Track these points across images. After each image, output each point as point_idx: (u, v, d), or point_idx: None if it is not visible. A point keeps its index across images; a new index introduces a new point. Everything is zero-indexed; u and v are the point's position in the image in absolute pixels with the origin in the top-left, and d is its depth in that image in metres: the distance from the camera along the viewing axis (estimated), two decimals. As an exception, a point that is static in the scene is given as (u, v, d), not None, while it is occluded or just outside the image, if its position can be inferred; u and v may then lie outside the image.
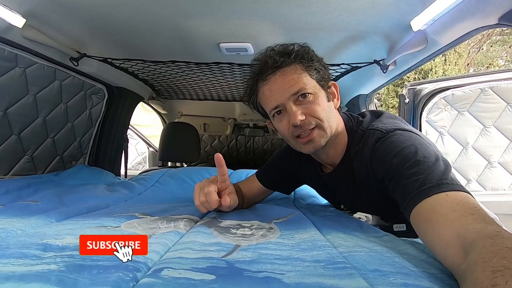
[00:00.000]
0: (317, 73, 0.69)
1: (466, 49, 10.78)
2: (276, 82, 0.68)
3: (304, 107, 0.67)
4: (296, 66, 0.68)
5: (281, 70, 0.68)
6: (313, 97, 0.67)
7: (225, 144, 3.00)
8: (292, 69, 0.68)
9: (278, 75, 0.67)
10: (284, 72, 0.68)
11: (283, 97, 0.67)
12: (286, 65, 0.68)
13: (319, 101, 0.68)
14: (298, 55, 0.69)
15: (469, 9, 0.71)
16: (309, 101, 0.67)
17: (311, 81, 0.68)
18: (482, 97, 1.46)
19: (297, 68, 0.68)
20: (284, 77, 0.67)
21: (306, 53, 0.70)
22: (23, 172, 1.14)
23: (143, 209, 0.76)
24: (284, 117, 0.69)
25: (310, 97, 0.67)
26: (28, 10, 0.86)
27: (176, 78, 1.57)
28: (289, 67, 0.68)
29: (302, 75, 0.67)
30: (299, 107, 0.67)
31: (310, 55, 0.70)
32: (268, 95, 0.69)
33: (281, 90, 0.67)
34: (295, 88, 0.66)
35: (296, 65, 0.68)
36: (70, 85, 1.24)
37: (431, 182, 0.47)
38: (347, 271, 0.38)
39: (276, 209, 0.82)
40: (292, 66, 0.68)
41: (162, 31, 1.04)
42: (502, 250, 0.31)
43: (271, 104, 0.70)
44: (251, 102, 0.77)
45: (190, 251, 0.45)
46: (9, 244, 0.45)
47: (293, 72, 0.68)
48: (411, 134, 0.61)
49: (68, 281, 0.34)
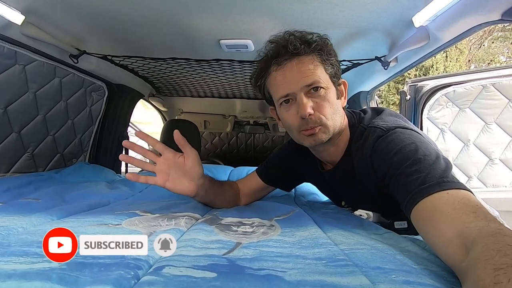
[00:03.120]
0: (332, 68, 0.68)
1: (467, 46, 10.74)
2: (291, 70, 0.65)
3: (314, 100, 0.65)
4: (314, 57, 0.66)
5: (299, 58, 0.65)
6: (324, 92, 0.66)
7: (225, 141, 3.00)
8: (310, 59, 0.66)
9: (295, 63, 0.65)
10: (301, 60, 0.65)
11: (296, 86, 0.65)
12: (305, 54, 0.65)
13: (329, 97, 0.66)
14: (318, 46, 0.66)
15: (472, 4, 0.70)
16: (320, 95, 0.65)
17: (325, 75, 0.67)
18: (484, 94, 1.45)
19: (314, 59, 0.66)
20: (301, 66, 0.65)
21: (326, 46, 0.68)
22: (24, 169, 1.14)
23: (144, 206, 0.76)
24: (292, 107, 0.67)
25: (322, 91, 0.65)
26: (27, 6, 0.86)
27: (176, 75, 1.57)
28: (307, 57, 0.65)
29: (318, 68, 0.66)
30: (309, 99, 0.65)
31: (329, 49, 0.68)
32: (280, 81, 0.67)
33: (295, 79, 0.65)
34: (310, 79, 0.64)
35: (314, 56, 0.66)
36: (70, 82, 1.24)
37: (432, 180, 0.47)
38: (348, 268, 0.38)
39: (277, 206, 0.82)
40: (310, 56, 0.66)
41: (162, 28, 1.03)
42: (504, 248, 0.31)
43: (281, 91, 0.67)
44: (258, 84, 0.73)
45: (191, 249, 0.45)
46: (10, 242, 0.45)
47: (310, 62, 0.65)
48: (411, 132, 0.60)
49: (69, 279, 0.34)
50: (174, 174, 0.72)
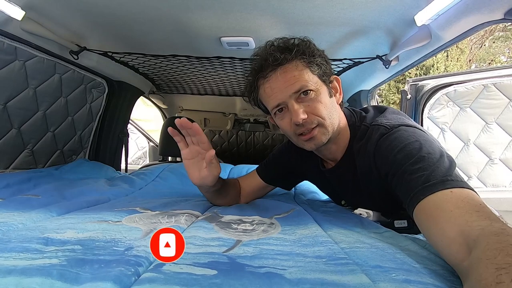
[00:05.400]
0: (319, 68, 0.68)
1: (468, 45, 10.72)
2: (277, 80, 0.66)
3: (306, 104, 0.66)
4: (297, 63, 0.66)
5: (282, 67, 0.66)
6: (315, 94, 0.66)
7: (225, 139, 3.00)
8: (293, 66, 0.66)
9: (279, 73, 0.66)
10: (285, 69, 0.66)
11: (284, 95, 0.66)
12: (287, 62, 0.66)
13: (321, 98, 0.67)
14: (299, 50, 0.67)
15: (474, 3, 0.70)
16: (311, 98, 0.66)
17: (312, 77, 0.67)
18: (484, 94, 1.45)
19: (298, 65, 0.66)
20: (285, 74, 0.66)
21: (307, 48, 0.68)
22: (24, 166, 1.14)
23: (144, 203, 0.76)
24: (286, 115, 0.68)
25: (312, 94, 0.66)
26: (28, 2, 0.85)
27: (176, 73, 1.56)
28: (290, 64, 0.66)
29: (304, 72, 0.66)
30: (301, 105, 0.65)
31: (312, 50, 0.68)
32: (269, 93, 0.68)
33: (282, 88, 0.66)
34: (297, 86, 0.65)
35: (297, 61, 0.67)
36: (70, 79, 1.23)
37: (436, 178, 0.47)
38: (349, 267, 0.38)
39: (277, 204, 0.82)
40: (293, 62, 0.66)
41: (163, 24, 1.02)
42: (507, 248, 0.31)
43: (272, 102, 0.68)
44: (252, 98, 0.75)
45: (192, 246, 0.45)
46: (10, 238, 0.45)
47: (294, 69, 0.66)
48: (415, 130, 0.60)
49: (69, 275, 0.34)
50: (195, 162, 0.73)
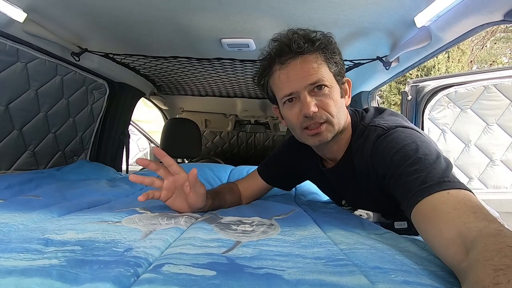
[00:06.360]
0: (336, 66, 0.68)
1: (469, 46, 10.71)
2: (295, 68, 0.65)
3: (318, 99, 0.65)
4: (317, 56, 0.66)
5: (303, 57, 0.65)
6: (328, 90, 0.66)
7: (226, 140, 3.00)
8: (314, 58, 0.65)
9: (299, 61, 0.65)
10: (305, 59, 0.65)
11: (299, 85, 0.65)
12: (309, 53, 0.65)
13: (333, 96, 0.66)
14: (322, 44, 0.66)
15: (474, 5, 0.70)
16: (324, 94, 0.65)
17: (329, 73, 0.67)
18: (485, 95, 1.44)
19: (318, 58, 0.66)
20: (305, 64, 0.65)
21: (330, 44, 0.68)
22: (25, 167, 1.14)
23: (144, 204, 0.76)
24: (296, 106, 0.67)
25: (326, 90, 0.65)
26: (29, 4, 0.86)
27: (177, 74, 1.57)
28: (311, 55, 0.65)
29: (322, 66, 0.66)
30: (313, 98, 0.65)
31: (333, 47, 0.68)
32: (284, 80, 0.67)
33: (299, 77, 0.65)
34: (314, 78, 0.64)
35: (318, 54, 0.66)
36: (72, 80, 1.24)
37: (433, 180, 0.47)
38: (348, 268, 0.38)
39: (277, 205, 0.82)
40: (314, 54, 0.66)
41: (163, 26, 1.03)
42: (504, 249, 0.31)
43: (285, 90, 0.67)
44: (262, 83, 0.74)
45: (191, 247, 0.45)
46: (11, 239, 0.45)
47: (314, 61, 0.65)
48: (412, 131, 0.60)
49: (69, 276, 0.34)
50: (178, 194, 0.71)
